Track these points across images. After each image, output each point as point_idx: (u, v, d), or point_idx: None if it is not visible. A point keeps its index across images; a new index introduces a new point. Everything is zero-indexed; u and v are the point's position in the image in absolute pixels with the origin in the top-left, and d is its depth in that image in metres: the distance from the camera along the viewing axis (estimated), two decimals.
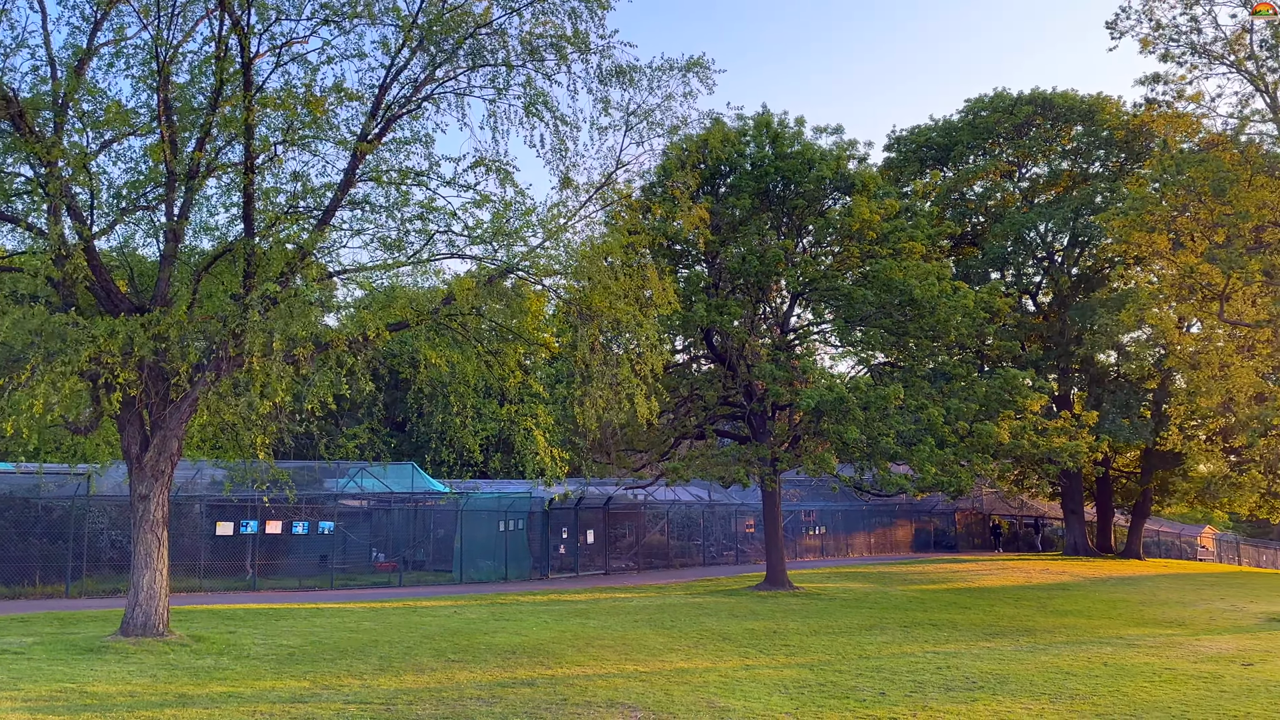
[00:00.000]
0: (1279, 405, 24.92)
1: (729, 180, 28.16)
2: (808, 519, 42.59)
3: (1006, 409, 27.89)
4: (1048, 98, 43.57)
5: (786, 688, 12.58)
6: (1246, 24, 25.40)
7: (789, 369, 26.98)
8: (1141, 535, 47.62)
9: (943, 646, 17.20)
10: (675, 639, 17.20)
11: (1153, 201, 27.75)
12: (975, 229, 44.90)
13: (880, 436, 25.57)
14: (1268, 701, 12.36)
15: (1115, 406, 40.69)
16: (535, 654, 14.99)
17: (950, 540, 49.24)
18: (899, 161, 46.02)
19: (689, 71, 15.84)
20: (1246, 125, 25.83)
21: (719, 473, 26.73)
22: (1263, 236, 25.72)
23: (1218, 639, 19.15)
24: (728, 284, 28.18)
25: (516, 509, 31.27)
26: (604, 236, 16.24)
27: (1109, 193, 40.85)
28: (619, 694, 11.85)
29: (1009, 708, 11.59)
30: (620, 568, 34.20)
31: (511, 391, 16.12)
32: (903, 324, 27.95)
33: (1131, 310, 29.78)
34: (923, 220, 30.05)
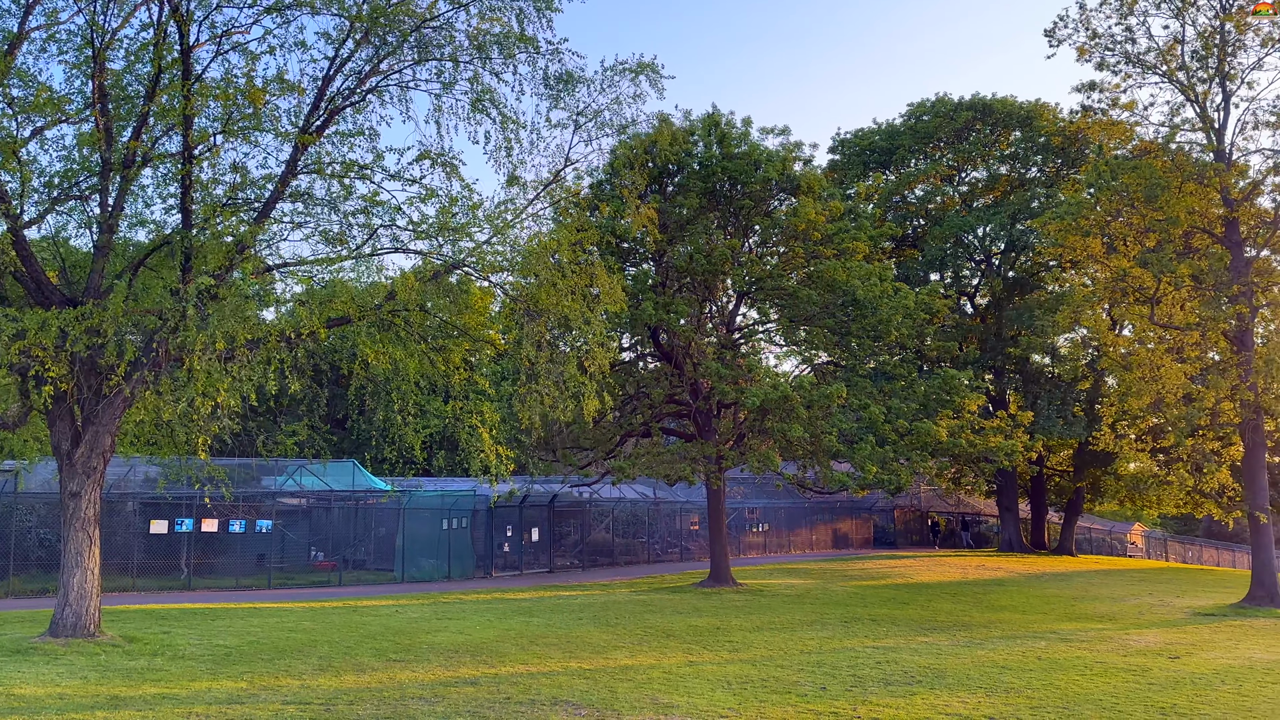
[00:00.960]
0: (1205, 406, 25.74)
1: (677, 179, 28.28)
2: (751, 516, 42.96)
3: (945, 408, 28.44)
4: (987, 103, 44.50)
5: (730, 683, 12.69)
6: (1178, 35, 26.25)
7: (735, 367, 27.20)
8: (1074, 532, 48.90)
9: (882, 641, 17.50)
10: (620, 636, 17.23)
11: (1087, 206, 28.51)
12: (916, 231, 45.69)
13: (823, 434, 25.91)
14: (1193, 693, 12.80)
15: (1049, 407, 41.72)
16: (479, 653, 14.90)
17: (890, 537, 50.06)
18: (843, 164, 46.64)
19: (639, 74, 15.84)
20: (1177, 134, 26.69)
21: (665, 470, 26.85)
22: (1192, 242, 26.60)
23: (1146, 633, 19.76)
24: (675, 282, 28.30)
25: (460, 507, 31.03)
26: (552, 234, 16.18)
27: (1045, 197, 41.90)
28: (563, 692, 11.85)
29: (946, 701, 11.84)
30: (565, 565, 34.14)
31: (456, 388, 16.00)
32: (845, 324, 28.34)
33: (1066, 312, 30.55)
34: (866, 222, 30.49)
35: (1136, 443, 32.35)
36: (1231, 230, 25.98)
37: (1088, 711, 11.36)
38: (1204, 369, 26.80)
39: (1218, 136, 26.03)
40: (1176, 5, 25.95)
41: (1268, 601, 24.99)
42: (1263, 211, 26.50)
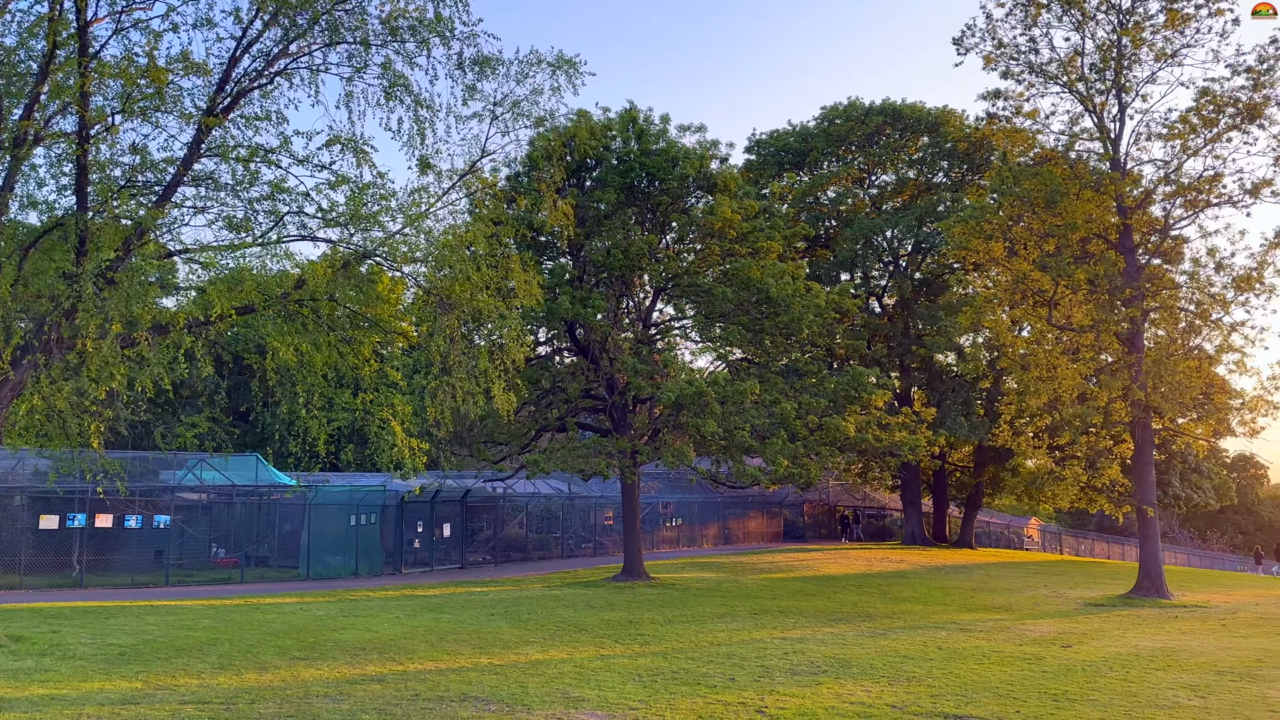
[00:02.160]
0: (1099, 405, 26.92)
1: (595, 174, 28.27)
2: (665, 511, 43.24)
3: (853, 405, 29.10)
4: (897, 109, 45.60)
5: (640, 676, 12.76)
6: (1079, 47, 27.35)
7: (651, 363, 27.34)
8: (974, 526, 50.58)
9: (790, 632, 17.81)
10: (531, 631, 17.16)
11: (990, 211, 29.47)
12: (828, 232, 46.59)
13: (736, 430, 26.25)
14: (1083, 680, 13.36)
15: (952, 404, 43.06)
16: (386, 650, 14.66)
17: (799, 531, 50.99)
18: (758, 164, 47.24)
19: (558, 69, 15.74)
20: (1076, 142, 27.80)
21: (580, 465, 26.83)
22: (1088, 247, 27.75)
23: (1041, 623, 20.55)
24: (592, 277, 28.28)
25: (369, 503, 30.45)
26: (467, 225, 15.98)
27: (951, 201, 43.18)
28: (472, 688, 11.74)
29: (850, 690, 12.12)
30: (477, 561, 33.82)
31: (366, 381, 15.68)
32: (759, 321, 28.74)
33: (968, 313, 31.55)
34: (780, 222, 30.96)
35: (1034, 440, 33.63)
36: (1125, 237, 27.18)
37: (985, 699, 11.77)
38: (1098, 370, 27.99)
39: (1114, 146, 27.21)
40: (1077, 18, 27.02)
41: (1153, 592, 26.26)
42: (1154, 219, 27.79)
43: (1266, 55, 25.32)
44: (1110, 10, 26.73)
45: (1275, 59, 25.23)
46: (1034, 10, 27.32)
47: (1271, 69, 25.24)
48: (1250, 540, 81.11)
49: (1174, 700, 11.84)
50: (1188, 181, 26.49)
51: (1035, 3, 27.24)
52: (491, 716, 10.25)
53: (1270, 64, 25.25)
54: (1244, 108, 25.43)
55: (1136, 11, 26.54)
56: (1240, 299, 26.48)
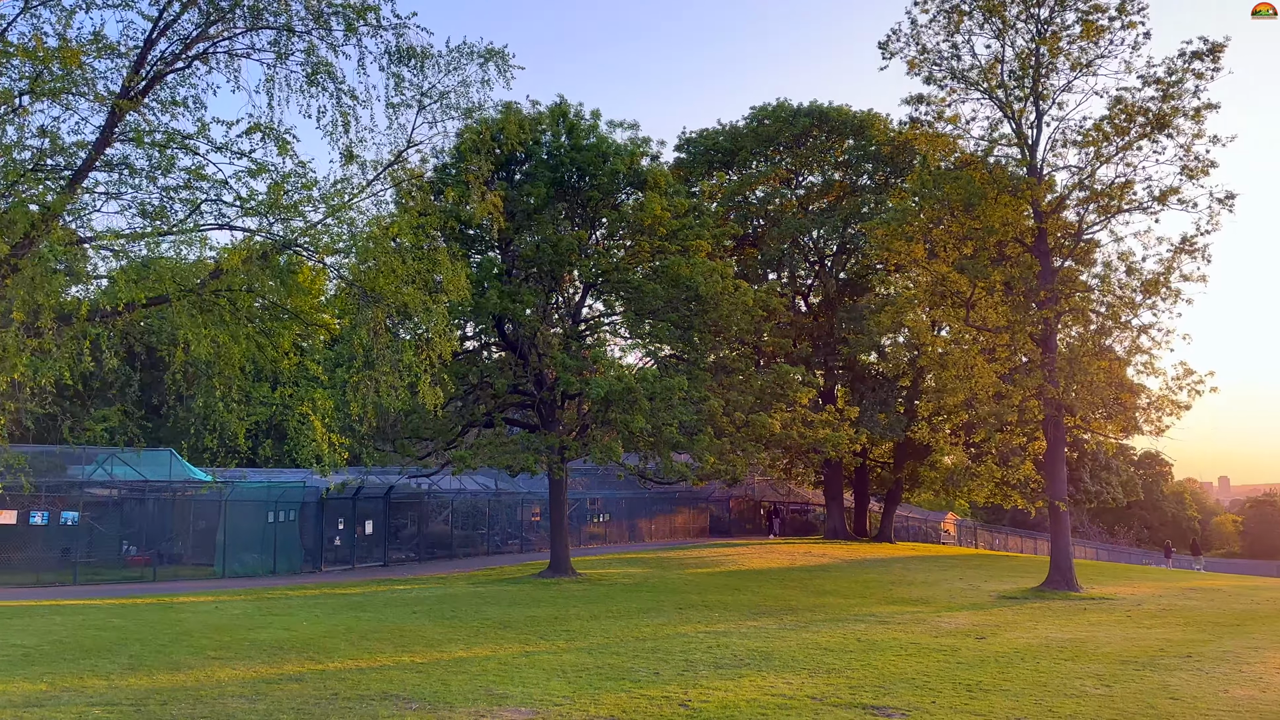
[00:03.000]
0: (1013, 404, 27.75)
1: (524, 168, 28.08)
2: (593, 507, 43.23)
3: (779, 402, 29.49)
4: (824, 111, 46.27)
5: (565, 672, 12.73)
6: (999, 55, 28.08)
7: (580, 358, 27.27)
8: (893, 520, 51.72)
9: (714, 626, 17.98)
10: (455, 629, 16.99)
11: (911, 214, 30.13)
12: (756, 231, 47.09)
13: (664, 426, 26.37)
14: (996, 670, 13.76)
15: (874, 402, 43.94)
16: (305, 649, 14.36)
17: (725, 526, 51.48)
18: (688, 162, 47.46)
19: (488, 61, 15.55)
20: (995, 148, 28.58)
21: (507, 461, 26.65)
22: (1005, 250, 28.56)
23: (956, 615, 21.11)
24: (521, 272, 28.09)
25: (288, 499, 29.78)
26: (392, 216, 15.71)
27: (875, 203, 43.99)
28: (393, 686, 11.57)
29: (772, 682, 12.28)
30: (401, 559, 33.34)
31: (286, 374, 15.30)
32: (688, 318, 28.91)
33: (890, 313, 32.22)
34: (709, 220, 31.18)
35: (951, 437, 34.55)
36: (1040, 241, 28.04)
37: (901, 690, 12.04)
38: (1012, 369, 28.83)
39: (1030, 152, 28.04)
40: (998, 26, 27.75)
41: (1064, 585, 27.18)
42: (1068, 224, 28.72)
43: (1175, 68, 26.33)
44: (1030, 19, 27.51)
45: (1184, 71, 26.24)
46: (956, 17, 27.97)
47: (1180, 81, 26.26)
48: (1155, 535, 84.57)
49: (1081, 689, 12.27)
50: (1100, 187, 27.43)
51: (958, 10, 27.90)
52: (413, 715, 10.12)
53: (1179, 76, 26.26)
54: (1154, 117, 26.42)
55: (1054, 21, 27.35)
56: (1148, 302, 27.54)
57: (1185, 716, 10.69)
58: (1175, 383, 28.27)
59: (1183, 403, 28.18)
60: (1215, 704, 11.42)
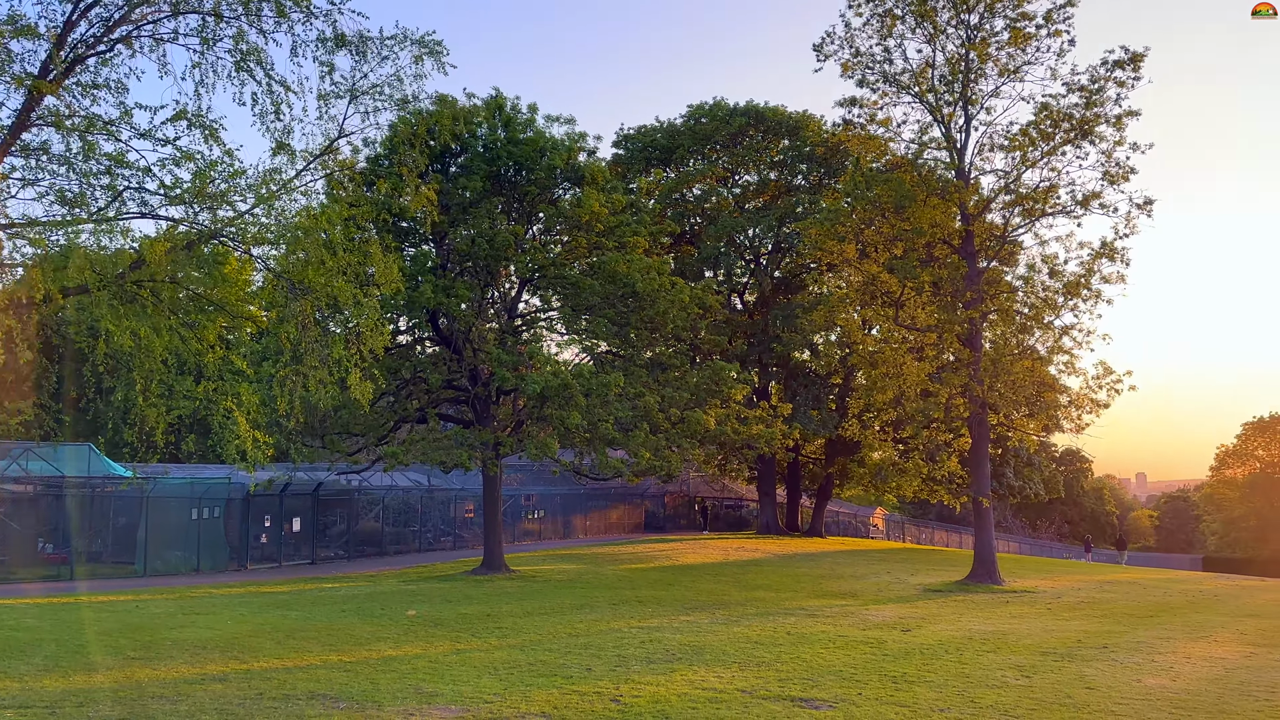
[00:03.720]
0: (940, 401, 28.37)
1: (460, 160, 27.79)
2: (528, 503, 43.06)
3: (714, 398, 29.70)
4: (760, 111, 46.71)
5: (497, 669, 12.67)
6: (930, 60, 28.64)
7: (516, 354, 27.11)
8: (824, 515, 52.54)
9: (647, 621, 18.06)
10: (384, 627, 16.78)
11: (844, 214, 30.60)
12: (693, 229, 47.35)
13: (600, 422, 26.35)
14: (921, 662, 14.08)
15: (806, 399, 44.55)
16: (229, 648, 14.04)
17: (660, 522, 51.72)
18: (626, 159, 47.52)
19: (423, 53, 15.34)
20: (925, 151, 29.16)
21: (440, 457, 26.37)
22: (934, 251, 29.18)
23: (883, 608, 21.53)
24: (456, 266, 27.81)
25: (213, 495, 29.07)
26: (323, 208, 15.43)
27: (809, 203, 44.56)
28: (321, 685, 11.39)
29: (703, 676, 12.39)
30: (330, 557, 32.79)
31: (210, 368, 14.95)
32: (625, 315, 28.94)
33: (822, 312, 32.69)
34: (646, 217, 31.26)
35: (880, 433, 35.17)
36: (967, 242, 28.71)
37: (829, 682, 12.25)
38: (940, 368, 29.48)
39: (959, 156, 28.68)
40: (929, 31, 28.30)
41: (987, 578, 27.90)
42: (994, 226, 29.45)
43: (1099, 75, 27.16)
44: (960, 25, 28.12)
45: (1106, 79, 27.09)
46: (889, 21, 28.45)
47: (1103, 89, 27.10)
48: (1076, 529, 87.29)
49: (1002, 680, 12.62)
50: (1025, 191, 28.19)
51: (891, 14, 28.37)
52: (340, 715, 9.97)
53: (1102, 84, 27.10)
54: (1078, 124, 27.23)
55: (984, 28, 28.01)
56: (1070, 303, 28.39)
57: (1100, 706, 11.06)
58: (1095, 382, 29.23)
59: (1102, 401, 29.14)
60: (1129, 693, 11.84)
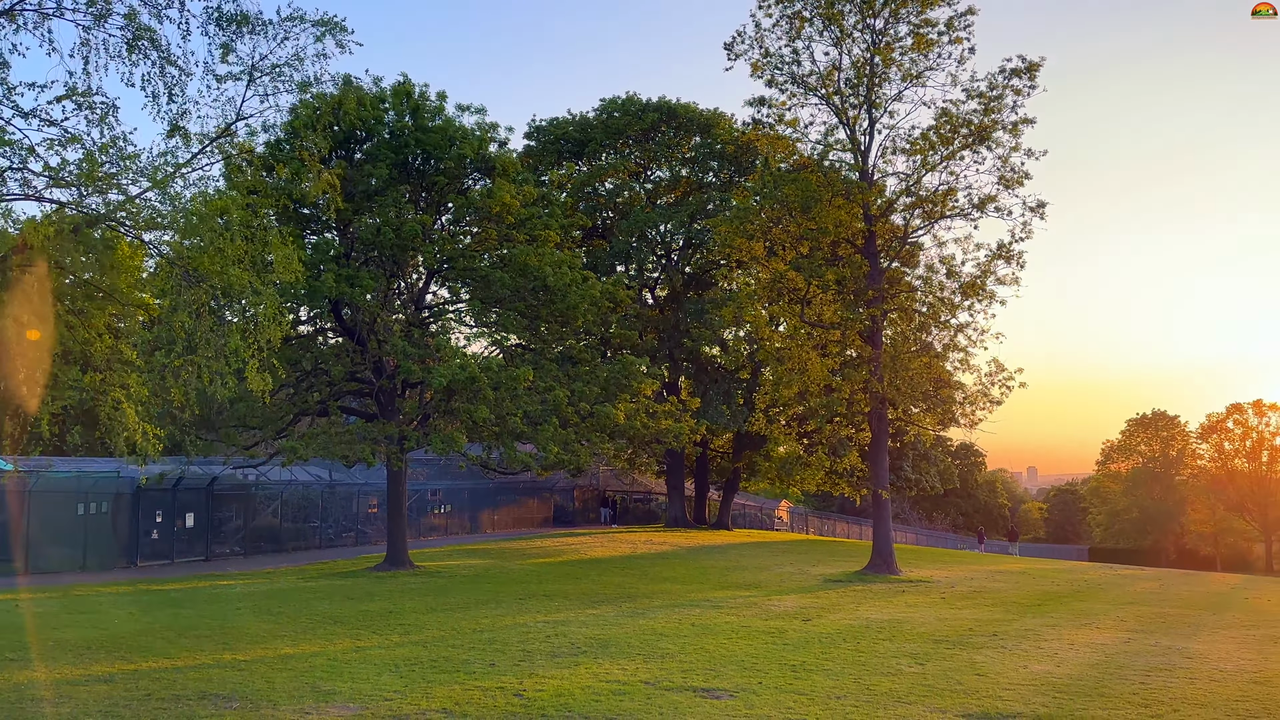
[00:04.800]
0: (843, 396, 29.06)
1: (365, 147, 27.20)
2: (434, 498, 42.48)
3: (624, 393, 29.80)
4: (672, 107, 46.99)
5: (398, 666, 12.49)
6: (836, 62, 29.23)
7: (422, 346, 26.71)
8: (731, 508, 53.29)
9: (553, 616, 18.04)
10: (282, 625, 16.37)
11: (753, 213, 31.03)
12: (605, 223, 47.37)
13: (509, 416, 26.17)
14: (819, 650, 14.42)
15: (715, 394, 45.08)
16: (116, 648, 13.51)
17: (569, 516, 51.65)
18: (538, 150, 47.24)
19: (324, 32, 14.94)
20: (830, 152, 29.76)
21: (342, 451, 25.80)
22: (838, 250, 29.84)
23: (785, 599, 21.96)
24: (361, 255, 27.22)
25: (100, 490, 27.88)
26: (220, 193, 14.93)
27: (720, 201, 45.06)
28: (213, 685, 11.06)
29: (608, 669, 12.45)
30: (225, 553, 31.79)
31: (98, 358, 14.32)
32: (535, 308, 28.79)
33: (731, 308, 33.13)
34: (558, 210, 31.10)
35: (785, 428, 35.81)
36: (870, 242, 29.45)
37: (731, 672, 12.45)
38: (843, 364, 30.20)
39: (863, 158, 29.38)
40: (837, 34, 28.88)
41: (885, 568, 28.72)
42: (895, 227, 30.29)
43: (996, 83, 28.14)
44: (866, 30, 28.77)
45: (1004, 87, 28.09)
46: (798, 23, 28.93)
47: (1000, 96, 28.09)
48: (970, 521, 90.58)
49: (897, 668, 13.03)
50: (925, 194, 29.07)
51: (799, 16, 28.86)
52: (233, 714, 9.70)
53: (999, 91, 28.09)
54: (976, 129, 28.18)
55: (889, 33, 28.71)
56: (966, 303, 29.41)
57: (988, 691, 11.50)
58: (988, 379, 30.37)
59: (995, 397, 30.30)
60: (1016, 679, 12.35)
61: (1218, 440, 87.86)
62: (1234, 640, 16.05)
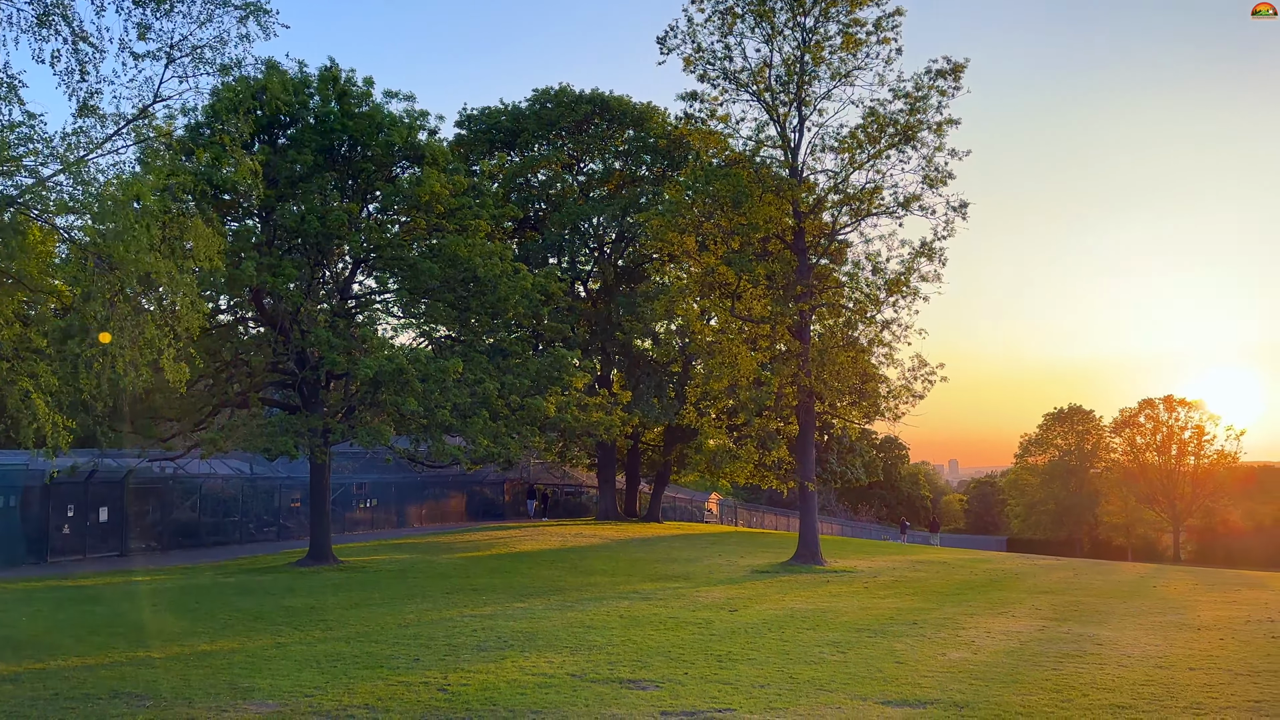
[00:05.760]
0: (772, 390, 29.42)
1: (290, 132, 26.58)
2: (360, 492, 41.81)
3: (555, 385, 29.69)
4: (606, 100, 46.89)
5: (319, 662, 12.28)
6: (767, 59, 29.48)
7: (348, 337, 26.23)
8: (662, 501, 53.56)
9: (481, 610, 17.92)
10: (200, 622, 15.96)
11: (685, 207, 31.16)
12: (537, 215, 47.08)
13: (437, 408, 25.86)
14: (745, 640, 14.60)
15: (647, 387, 45.22)
16: (22, 647, 13.02)
17: (499, 509, 51.34)
18: (469, 140, 46.71)
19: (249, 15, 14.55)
20: (761, 149, 30.04)
21: (264, 444, 25.22)
22: (768, 246, 30.16)
23: (713, 590, 22.17)
24: (284, 243, 26.60)
25: (7, 483, 26.81)
26: (136, 176, 14.45)
27: (652, 195, 45.12)
28: (126, 683, 10.73)
29: (534, 662, 12.42)
30: (142, 549, 30.83)
31: (5, 346, 13.76)
32: (465, 299, 28.49)
33: (663, 302, 33.27)
34: (489, 200, 30.79)
35: (715, 421, 36.09)
36: (799, 239, 29.83)
37: (657, 663, 12.53)
38: (772, 358, 30.56)
39: (793, 155, 29.73)
40: (768, 31, 29.13)
41: (810, 559, 29.18)
42: (824, 224, 30.70)
43: (922, 84, 28.70)
44: (796, 28, 29.08)
45: (929, 88, 28.67)
46: (730, 19, 29.10)
47: (926, 97, 28.66)
48: (894, 512, 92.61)
49: (820, 656, 13.26)
50: (853, 192, 29.53)
51: (731, 12, 29.03)
52: (145, 713, 9.43)
53: (925, 92, 28.66)
54: (901, 129, 28.71)
55: (819, 31, 29.06)
56: (891, 300, 29.98)
57: (908, 678, 11.78)
58: (911, 373, 31.00)
59: (917, 391, 30.95)
60: (934, 666, 12.67)
61: (1130, 434, 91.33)
62: (1141, 627, 16.69)
